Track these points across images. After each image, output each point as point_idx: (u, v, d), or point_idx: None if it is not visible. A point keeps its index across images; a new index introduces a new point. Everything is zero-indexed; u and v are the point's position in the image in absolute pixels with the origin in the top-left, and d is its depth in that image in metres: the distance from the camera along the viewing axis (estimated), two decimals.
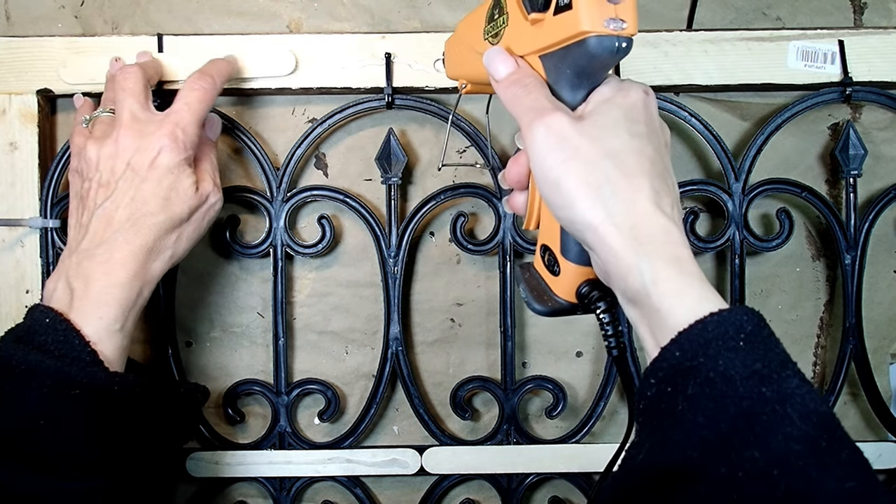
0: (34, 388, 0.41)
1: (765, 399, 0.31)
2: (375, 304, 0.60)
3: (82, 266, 0.46)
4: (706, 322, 0.33)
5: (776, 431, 0.30)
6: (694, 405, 0.32)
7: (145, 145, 0.48)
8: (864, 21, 0.61)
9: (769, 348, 0.32)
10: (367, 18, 0.60)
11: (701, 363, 0.32)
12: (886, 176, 0.60)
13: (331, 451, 0.58)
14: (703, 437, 0.31)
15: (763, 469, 0.30)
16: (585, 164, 0.36)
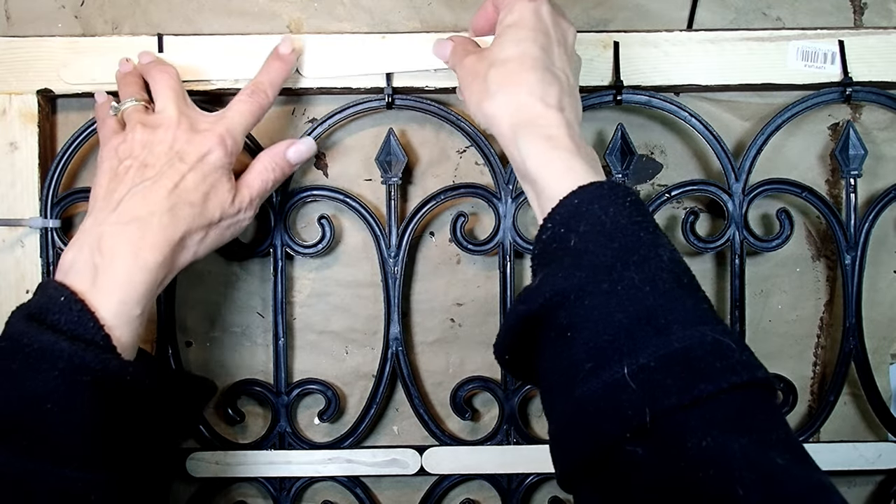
0: (45, 370, 0.40)
1: (642, 240, 0.38)
2: (375, 304, 0.60)
3: (108, 241, 0.44)
4: (603, 184, 0.40)
5: (650, 262, 0.37)
6: (585, 238, 0.38)
7: (198, 140, 0.48)
8: (864, 21, 0.61)
9: (648, 214, 0.40)
10: (367, 19, 0.60)
11: (594, 209, 0.39)
12: (887, 176, 0.60)
13: (331, 451, 0.58)
14: (592, 262, 0.38)
15: (638, 286, 0.36)
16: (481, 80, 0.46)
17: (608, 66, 0.57)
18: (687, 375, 0.34)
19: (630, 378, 0.34)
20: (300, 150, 0.54)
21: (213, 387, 0.53)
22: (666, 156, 0.61)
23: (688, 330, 0.35)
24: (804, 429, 0.59)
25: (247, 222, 0.51)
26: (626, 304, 0.36)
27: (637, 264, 0.37)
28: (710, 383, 0.34)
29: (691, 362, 0.34)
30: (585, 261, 0.38)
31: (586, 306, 0.37)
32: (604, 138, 0.60)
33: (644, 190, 0.61)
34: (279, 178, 0.53)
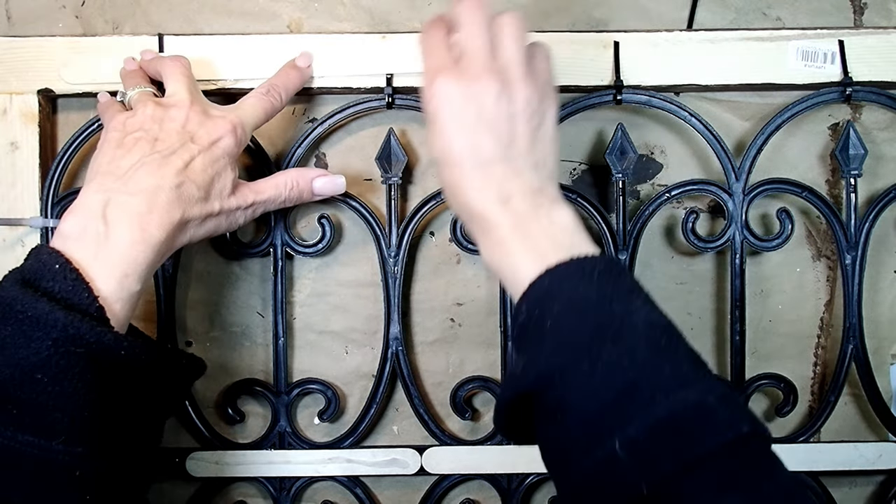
0: (37, 339, 0.39)
1: (615, 313, 0.38)
2: (375, 303, 0.60)
3: (113, 210, 0.43)
4: (569, 262, 0.40)
5: (625, 334, 0.37)
6: (560, 320, 0.39)
7: (210, 124, 0.48)
8: (864, 21, 0.61)
9: (618, 281, 0.40)
10: (367, 19, 0.60)
11: (565, 289, 0.39)
12: (887, 176, 0.60)
13: (331, 450, 0.58)
14: (569, 342, 0.38)
15: (616, 361, 0.37)
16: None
17: (608, 65, 0.57)
18: (676, 442, 0.35)
19: (621, 451, 0.35)
20: (327, 184, 0.54)
21: (203, 365, 0.52)
22: (666, 156, 0.61)
23: (670, 397, 0.36)
24: (804, 429, 0.59)
25: (242, 220, 0.51)
26: (609, 379, 0.37)
27: (613, 339, 0.37)
28: (699, 447, 0.34)
29: (679, 429, 0.35)
30: (563, 342, 0.38)
31: (570, 387, 0.37)
32: (604, 138, 0.60)
33: (644, 190, 0.61)
34: (293, 199, 0.53)
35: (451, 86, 0.43)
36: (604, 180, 0.60)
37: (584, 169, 0.61)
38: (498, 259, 0.43)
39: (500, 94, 0.43)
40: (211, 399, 0.60)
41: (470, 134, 0.43)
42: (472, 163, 0.43)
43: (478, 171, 0.43)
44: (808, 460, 0.59)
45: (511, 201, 0.42)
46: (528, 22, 0.59)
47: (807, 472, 0.59)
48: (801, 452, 0.59)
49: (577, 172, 0.61)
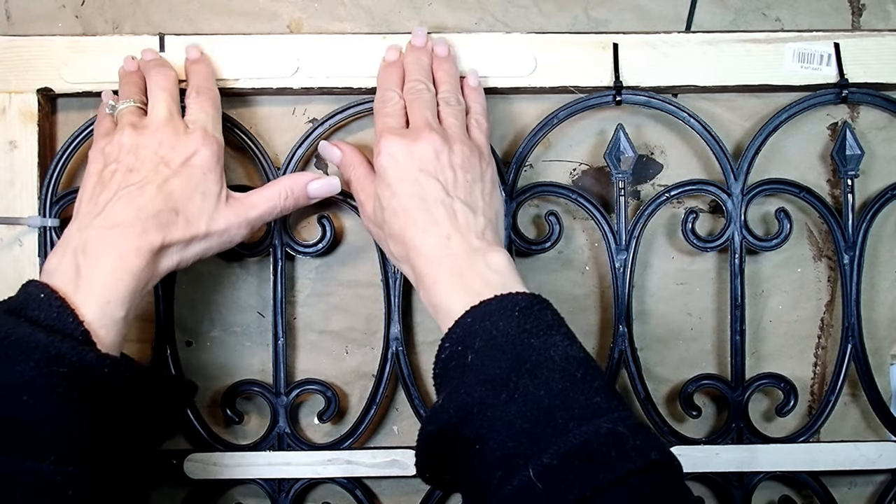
0: (21, 361, 0.40)
1: (533, 347, 0.41)
2: (375, 303, 0.59)
3: (93, 244, 0.45)
4: (491, 301, 0.43)
5: (541, 367, 0.40)
6: (481, 354, 0.41)
7: (182, 144, 0.49)
8: (862, 23, 0.61)
9: (538, 317, 0.42)
10: (367, 19, 0.60)
11: (486, 325, 0.42)
12: (885, 176, 0.61)
13: (330, 452, 0.58)
14: (489, 375, 0.40)
15: (533, 392, 0.39)
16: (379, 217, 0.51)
17: (608, 66, 0.58)
18: (587, 469, 0.36)
19: (536, 479, 0.36)
20: (322, 187, 0.53)
21: (194, 387, 0.53)
22: (666, 156, 0.61)
23: (584, 425, 0.38)
24: (804, 429, 0.59)
25: (239, 238, 0.51)
26: (525, 410, 0.38)
27: (529, 371, 0.39)
28: (609, 473, 0.36)
29: (590, 456, 0.37)
30: (483, 375, 0.40)
31: (488, 418, 0.39)
32: (604, 138, 0.60)
33: (644, 190, 0.61)
34: (289, 208, 0.53)
35: (397, 145, 0.48)
36: (604, 180, 0.60)
37: (584, 169, 0.61)
38: (433, 298, 0.45)
39: (440, 148, 0.48)
40: (210, 399, 0.59)
41: (414, 182, 0.47)
42: (418, 206, 0.47)
43: (423, 212, 0.47)
44: (808, 460, 0.59)
45: (451, 241, 0.46)
46: (529, 23, 0.60)
47: (807, 472, 0.59)
48: (801, 452, 0.59)
49: (577, 172, 0.61)
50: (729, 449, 0.58)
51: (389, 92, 0.52)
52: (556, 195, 0.58)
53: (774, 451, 0.58)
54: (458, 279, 0.45)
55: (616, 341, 0.58)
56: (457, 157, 0.49)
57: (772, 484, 0.61)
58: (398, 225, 0.47)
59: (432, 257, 0.46)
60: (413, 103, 0.51)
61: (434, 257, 0.46)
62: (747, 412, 0.59)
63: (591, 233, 0.60)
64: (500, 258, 0.46)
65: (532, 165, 0.60)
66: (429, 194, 0.47)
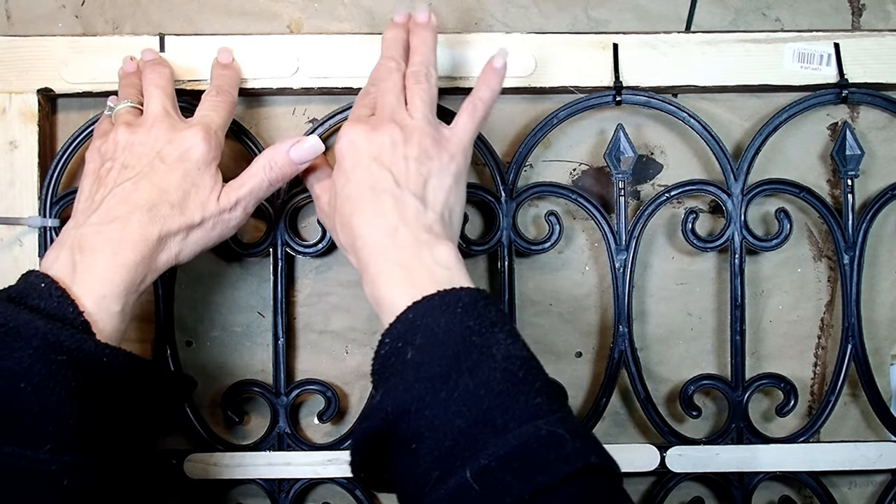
0: (19, 349, 0.40)
1: (474, 345, 0.39)
2: None
3: (89, 240, 0.45)
4: (434, 296, 0.41)
5: (482, 366, 0.39)
6: (421, 351, 0.40)
7: (177, 138, 0.48)
8: (862, 23, 0.61)
9: (482, 314, 0.41)
10: (367, 19, 0.60)
11: (428, 322, 0.40)
12: (885, 176, 0.61)
13: (330, 452, 0.58)
14: (428, 372, 0.39)
15: (473, 391, 0.38)
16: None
17: (608, 67, 0.58)
18: (525, 471, 0.35)
19: (473, 481, 0.36)
20: (302, 149, 0.51)
21: (193, 382, 0.52)
22: (666, 156, 0.61)
23: (523, 427, 0.37)
24: (804, 429, 0.59)
25: (234, 222, 0.50)
26: (464, 409, 0.37)
27: (470, 370, 0.38)
28: (546, 475, 0.35)
29: (528, 458, 0.36)
30: (422, 372, 0.39)
31: (426, 416, 0.38)
32: (604, 138, 0.60)
33: (644, 190, 0.61)
34: (277, 179, 0.51)
35: (357, 132, 0.48)
36: (604, 180, 0.60)
37: (584, 169, 0.61)
38: (376, 291, 0.44)
39: (397, 140, 0.47)
40: (210, 399, 0.59)
41: (367, 170, 0.47)
42: (368, 195, 0.46)
43: (371, 202, 0.46)
44: (808, 460, 0.59)
45: (398, 233, 0.45)
46: (529, 23, 0.60)
47: (807, 472, 0.59)
48: (801, 452, 0.59)
49: (577, 172, 0.61)
50: (729, 449, 0.58)
51: (371, 86, 0.52)
52: (556, 195, 0.58)
53: (774, 452, 0.58)
54: (402, 271, 0.43)
55: (616, 341, 0.58)
56: (412, 150, 0.47)
57: (772, 484, 0.61)
58: (348, 211, 0.46)
59: (378, 248, 0.45)
60: (380, 84, 0.50)
61: (379, 248, 0.45)
62: (747, 412, 0.59)
63: (591, 233, 0.60)
64: (447, 252, 0.44)
65: (532, 165, 0.60)
66: (379, 184, 0.46)
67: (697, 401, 0.59)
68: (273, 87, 0.57)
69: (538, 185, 0.58)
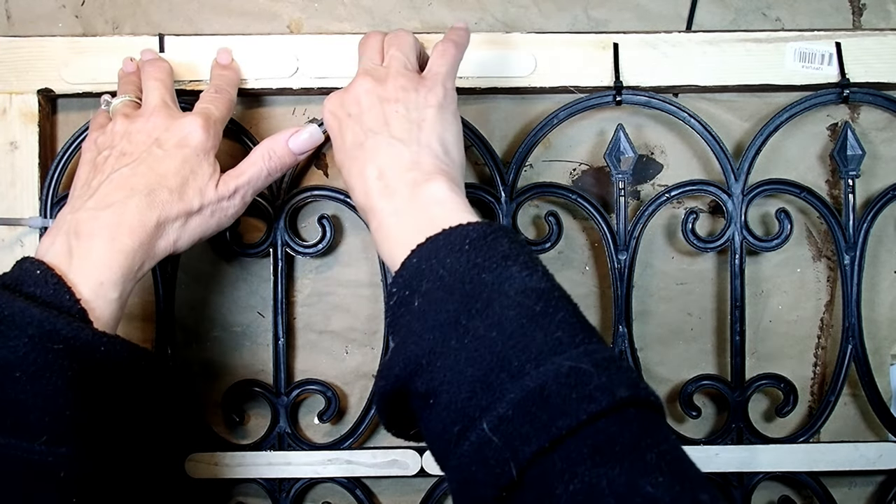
0: (14, 337, 0.39)
1: (485, 282, 0.36)
2: (375, 303, 0.59)
3: (85, 225, 0.44)
4: (437, 236, 0.39)
5: (494, 305, 0.35)
6: (428, 298, 0.37)
7: (176, 125, 0.48)
8: (862, 22, 0.61)
9: (492, 248, 0.38)
10: (367, 19, 0.60)
11: (433, 264, 0.38)
12: (885, 176, 0.60)
13: (331, 451, 0.58)
14: (437, 320, 0.36)
15: (484, 333, 0.35)
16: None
17: (608, 66, 0.58)
18: (544, 416, 0.32)
19: (492, 433, 0.33)
20: (302, 139, 0.51)
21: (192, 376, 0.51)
22: (666, 156, 0.61)
23: (542, 366, 0.33)
24: (804, 429, 0.59)
25: (233, 211, 0.50)
26: (476, 356, 0.34)
27: (481, 311, 0.35)
28: (568, 418, 0.32)
29: (547, 400, 0.32)
30: (430, 321, 0.36)
31: (439, 368, 0.35)
32: (604, 138, 0.60)
33: (644, 190, 0.61)
34: (275, 169, 0.51)
35: (332, 100, 0.48)
36: (604, 180, 0.60)
37: (584, 169, 0.61)
38: (381, 246, 0.42)
39: (370, 88, 0.46)
40: (210, 399, 0.60)
41: (347, 130, 0.46)
42: (351, 154, 0.45)
43: (354, 159, 0.45)
44: (808, 460, 0.59)
45: (382, 179, 0.43)
46: (529, 23, 0.60)
47: (807, 472, 0.59)
48: (801, 452, 0.59)
49: (577, 172, 0.61)
50: (729, 449, 0.58)
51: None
52: (556, 195, 0.58)
53: (774, 452, 0.58)
54: (397, 219, 0.41)
55: (616, 341, 0.58)
56: (387, 91, 0.46)
57: (772, 484, 0.61)
58: (344, 176, 0.46)
59: (368, 203, 0.43)
60: (360, 46, 0.51)
61: (370, 203, 0.43)
62: (747, 412, 0.59)
63: (591, 233, 0.60)
64: (439, 187, 0.42)
65: (532, 165, 0.60)
66: (356, 139, 0.45)
67: (697, 401, 0.59)
68: (273, 87, 0.57)
69: (538, 185, 0.58)
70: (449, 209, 0.41)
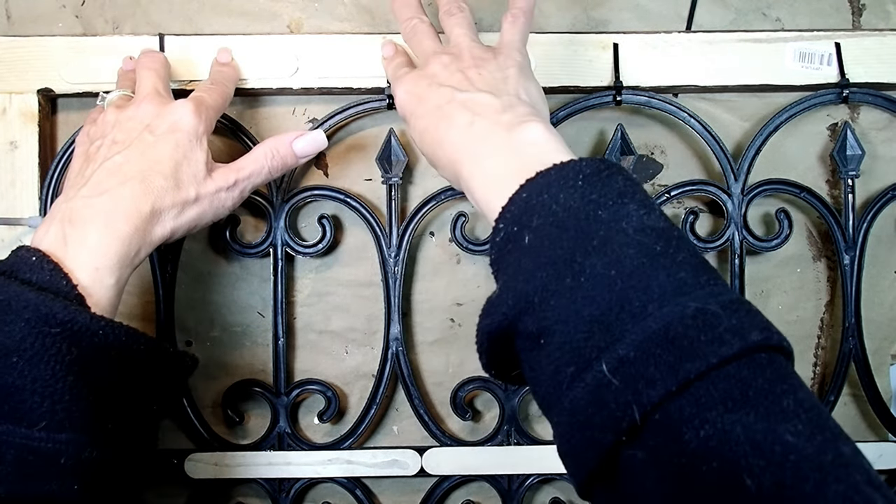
0: (10, 322, 0.38)
1: (601, 220, 0.35)
2: (375, 303, 0.59)
3: (79, 213, 0.43)
4: (549, 171, 0.37)
5: (612, 243, 0.34)
6: (539, 234, 0.36)
7: (166, 111, 0.48)
8: (862, 22, 0.61)
9: (607, 184, 0.36)
10: (367, 19, 0.60)
11: (545, 199, 0.36)
12: (885, 176, 0.60)
13: (330, 451, 0.58)
14: (550, 257, 0.35)
15: (601, 272, 0.33)
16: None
17: (608, 66, 0.58)
18: (670, 358, 0.31)
19: (611, 375, 0.31)
20: (307, 142, 0.51)
21: (195, 360, 0.50)
22: (666, 156, 0.61)
23: (665, 307, 0.32)
24: None
25: (230, 203, 0.49)
26: (595, 294, 0.33)
27: (598, 249, 0.34)
28: (697, 361, 0.30)
29: (673, 342, 0.31)
30: (543, 258, 0.35)
31: (552, 307, 0.34)
32: (604, 138, 0.60)
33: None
34: (277, 168, 0.51)
35: (407, 80, 0.48)
36: None
37: None
38: (474, 195, 0.41)
39: (448, 62, 0.47)
40: (210, 399, 0.60)
41: (427, 98, 0.46)
42: (436, 114, 0.45)
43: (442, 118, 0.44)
44: None
45: (474, 126, 0.42)
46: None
47: None
48: None
49: None
50: None
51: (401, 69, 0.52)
52: None
53: None
54: (494, 161, 0.40)
55: None
56: (465, 62, 0.47)
57: None
58: (429, 140, 0.45)
59: (460, 148, 0.42)
60: (411, 41, 0.51)
61: (462, 147, 0.42)
62: None
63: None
64: (537, 128, 0.41)
65: None
66: (443, 99, 0.45)
67: None
68: (273, 87, 0.57)
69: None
70: (550, 149, 0.40)
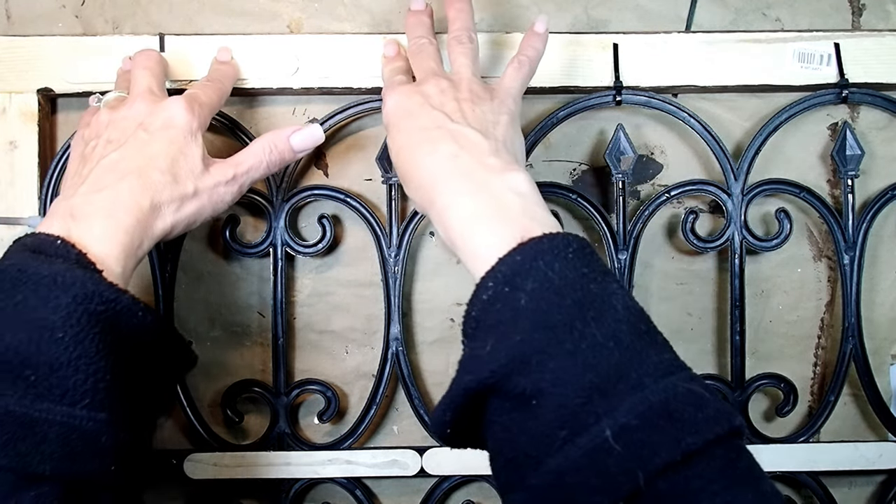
0: (55, 298, 0.38)
1: (593, 293, 0.36)
2: (375, 303, 0.59)
3: (81, 209, 0.43)
4: (541, 239, 0.38)
5: (607, 316, 0.36)
6: (536, 297, 0.36)
7: (159, 108, 0.48)
8: (862, 23, 0.61)
9: (592, 261, 0.38)
10: (367, 19, 0.60)
11: (539, 265, 0.37)
12: (885, 176, 0.61)
13: (330, 452, 0.58)
14: (549, 321, 0.35)
15: (602, 342, 0.35)
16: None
17: (608, 67, 0.58)
18: (672, 430, 0.33)
19: (614, 440, 0.33)
20: (304, 137, 0.51)
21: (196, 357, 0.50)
22: (666, 156, 0.61)
23: (659, 382, 0.34)
24: (804, 429, 0.59)
25: (229, 198, 0.49)
26: (595, 362, 0.34)
27: (595, 319, 0.35)
28: (697, 436, 0.33)
29: (672, 416, 0.33)
30: (541, 321, 0.36)
31: (551, 369, 0.35)
32: (604, 138, 0.60)
33: (644, 190, 0.61)
34: (275, 162, 0.51)
35: (401, 91, 0.48)
36: (604, 180, 0.60)
37: (584, 169, 0.61)
38: (448, 231, 0.41)
39: (445, 88, 0.47)
40: (210, 399, 0.60)
41: (416, 116, 0.46)
42: (420, 135, 0.45)
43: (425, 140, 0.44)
44: (808, 460, 0.59)
45: (458, 159, 0.42)
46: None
47: (807, 472, 0.59)
48: (801, 452, 0.59)
49: (577, 172, 0.61)
50: None
51: (398, 75, 0.52)
52: (556, 195, 0.58)
53: (774, 451, 0.58)
54: (472, 200, 0.40)
55: None
56: (463, 93, 0.46)
57: None
58: (405, 159, 0.45)
59: (438, 177, 0.42)
60: (415, 57, 0.51)
61: (440, 177, 0.42)
62: (747, 412, 0.59)
63: (591, 232, 0.60)
64: (522, 179, 0.41)
65: (532, 165, 0.60)
66: (431, 123, 0.44)
67: None
68: (273, 87, 0.57)
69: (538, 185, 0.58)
70: (534, 202, 0.41)
